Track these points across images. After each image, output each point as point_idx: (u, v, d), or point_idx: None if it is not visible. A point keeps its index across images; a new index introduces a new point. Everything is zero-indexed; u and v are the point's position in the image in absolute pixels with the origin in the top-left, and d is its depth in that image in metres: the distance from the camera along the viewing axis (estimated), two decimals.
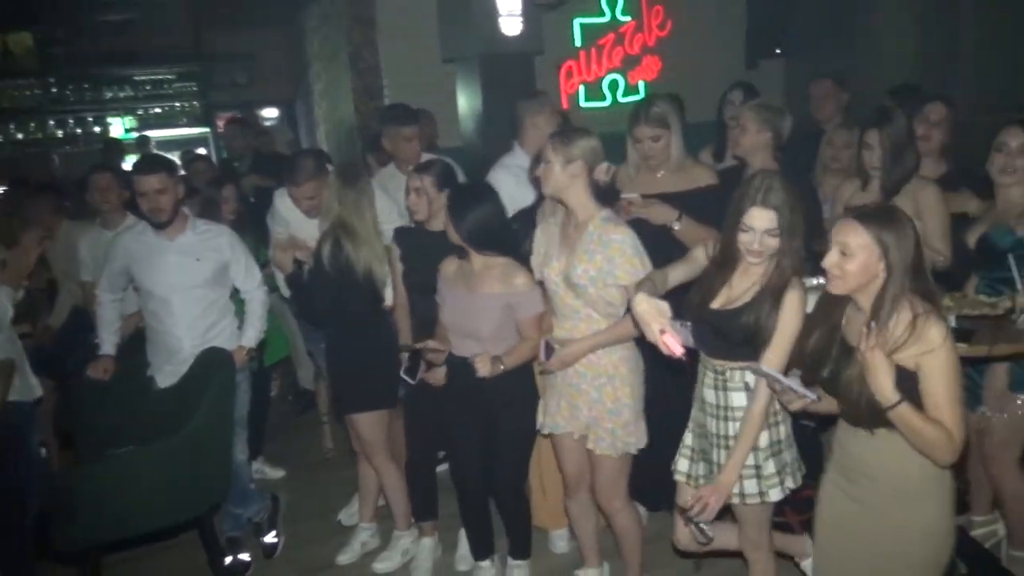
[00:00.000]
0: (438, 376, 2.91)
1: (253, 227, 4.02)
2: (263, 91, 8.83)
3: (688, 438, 2.41)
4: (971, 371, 2.69)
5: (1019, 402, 2.61)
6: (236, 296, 3.33)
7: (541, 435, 2.81)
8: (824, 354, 1.97)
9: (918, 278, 1.84)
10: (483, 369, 2.61)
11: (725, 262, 2.21)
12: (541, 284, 2.68)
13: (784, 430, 2.27)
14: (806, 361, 2.02)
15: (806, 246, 2.18)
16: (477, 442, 2.84)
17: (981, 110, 3.20)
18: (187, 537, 3.18)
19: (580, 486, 2.78)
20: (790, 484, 2.27)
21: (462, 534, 3.27)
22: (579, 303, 2.54)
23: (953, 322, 2.30)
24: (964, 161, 3.33)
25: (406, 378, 2.92)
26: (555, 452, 2.84)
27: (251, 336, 3.28)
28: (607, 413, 2.56)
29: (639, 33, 6.87)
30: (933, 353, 1.77)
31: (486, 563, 3.05)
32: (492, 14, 4.99)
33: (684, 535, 2.42)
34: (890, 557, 1.94)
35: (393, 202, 3.45)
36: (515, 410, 2.79)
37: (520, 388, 2.80)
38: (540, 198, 2.90)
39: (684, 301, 2.26)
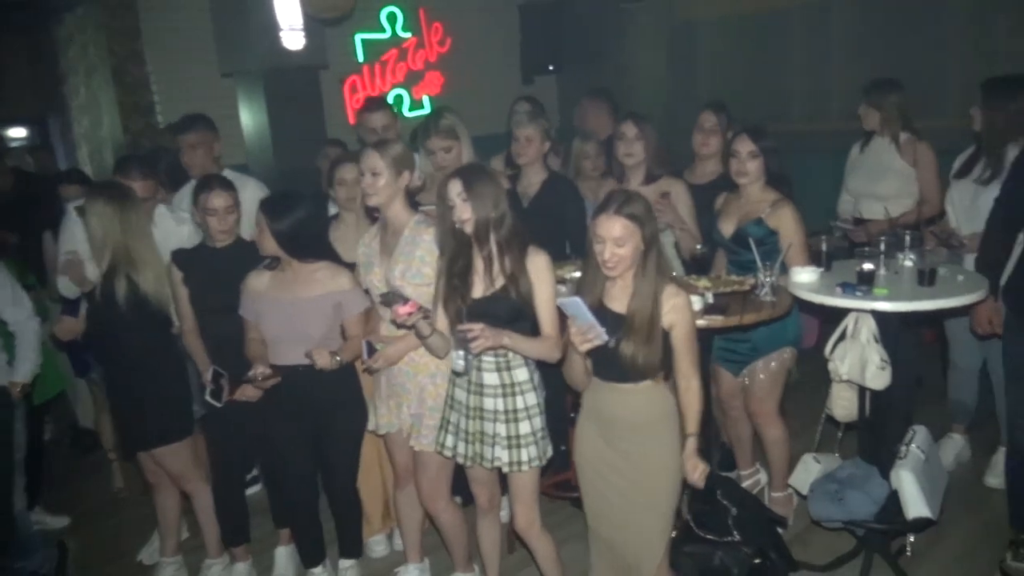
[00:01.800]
0: (248, 392, 2.86)
1: (15, 252, 3.67)
2: (6, 108, 7.92)
3: (460, 421, 2.53)
4: (735, 344, 3.12)
5: (772, 364, 3.06)
6: (2, 328, 3.03)
7: (376, 434, 2.86)
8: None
9: (660, 256, 2.20)
10: (322, 360, 2.63)
11: None
12: (366, 292, 2.76)
13: (543, 395, 2.52)
14: None
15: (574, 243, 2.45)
16: (307, 449, 2.86)
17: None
18: None
19: (410, 477, 2.84)
20: (550, 444, 2.53)
21: (278, 553, 3.22)
22: None
23: (711, 298, 2.68)
24: None
25: (212, 401, 2.85)
26: (387, 448, 2.90)
27: (25, 371, 3.01)
28: (429, 411, 2.65)
29: (421, 49, 7.07)
30: (680, 313, 2.17)
31: (318, 569, 3.03)
32: (272, 28, 4.91)
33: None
34: (641, 484, 2.29)
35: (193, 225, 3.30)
36: (347, 412, 2.85)
37: (349, 390, 2.87)
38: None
39: None
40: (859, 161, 3.84)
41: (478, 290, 2.42)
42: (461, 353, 2.30)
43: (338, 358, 2.69)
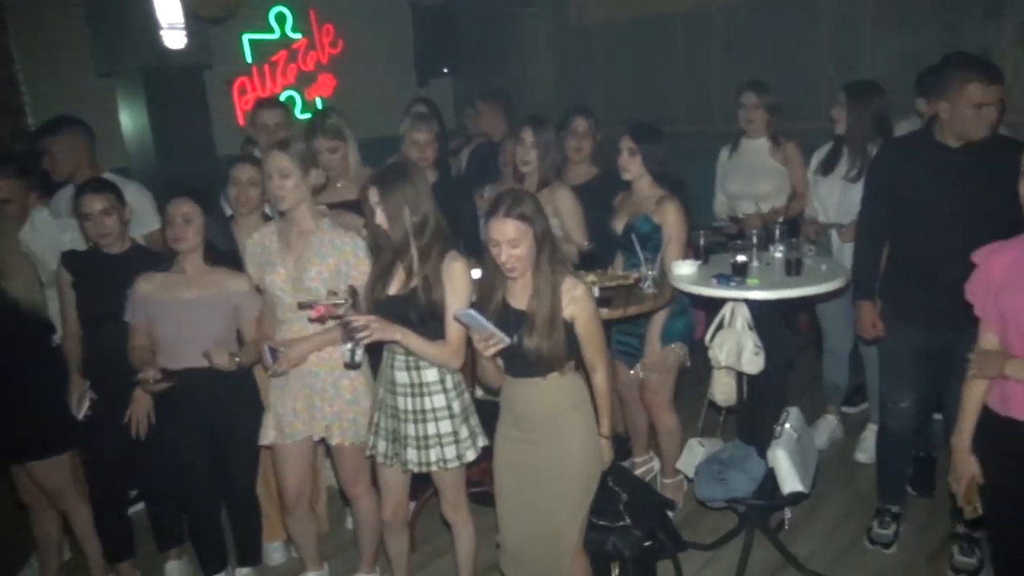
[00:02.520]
0: (139, 412, 2.79)
1: None
2: None
3: (381, 420, 2.55)
4: (630, 339, 3.25)
5: (670, 358, 3.18)
6: None
7: (264, 447, 2.79)
8: (504, 326, 2.25)
9: (555, 250, 2.24)
10: (220, 359, 2.58)
11: None
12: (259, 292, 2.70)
13: (468, 398, 2.55)
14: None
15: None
16: (205, 453, 2.79)
17: (612, 123, 3.85)
18: None
19: (300, 501, 2.80)
20: (481, 443, 2.56)
21: (169, 568, 3.13)
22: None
23: (597, 292, 2.77)
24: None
25: (75, 412, 2.78)
26: (277, 467, 2.79)
27: None
28: (347, 404, 2.63)
29: (312, 51, 6.95)
30: (580, 304, 2.22)
31: None
32: (152, 26, 4.72)
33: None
34: (559, 476, 2.32)
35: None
36: (247, 415, 2.79)
37: (248, 394, 2.83)
38: None
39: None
40: (733, 164, 3.98)
41: (394, 287, 2.42)
42: (349, 346, 2.28)
43: (237, 359, 2.65)
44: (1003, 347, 2.08)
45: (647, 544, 2.77)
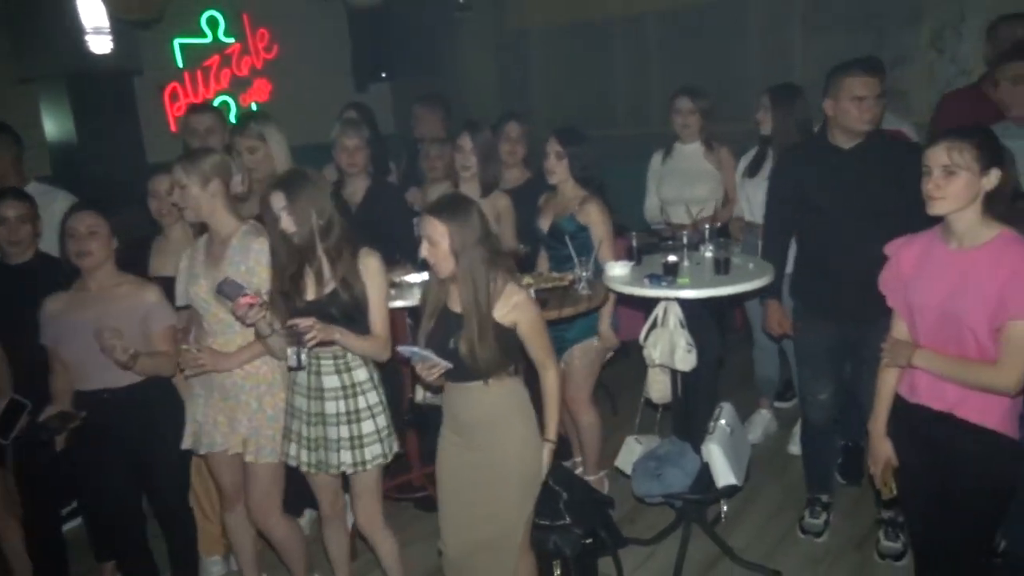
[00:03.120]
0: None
1: None
2: None
3: (301, 428, 2.50)
4: (553, 334, 3.26)
5: (582, 353, 3.23)
6: None
7: (196, 455, 2.75)
8: (443, 329, 2.29)
9: (495, 256, 2.24)
10: (115, 350, 2.49)
11: None
12: (187, 307, 2.65)
13: (383, 392, 2.54)
14: (434, 339, 2.31)
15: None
16: (124, 474, 2.70)
17: (548, 126, 3.88)
18: None
19: (238, 497, 2.75)
20: (395, 441, 2.56)
21: None
22: (231, 316, 2.52)
23: (532, 294, 2.80)
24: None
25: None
26: (211, 469, 2.78)
27: None
28: (268, 420, 2.59)
29: (246, 55, 6.84)
30: (520, 309, 2.23)
31: None
32: (76, 30, 4.58)
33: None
34: (500, 480, 2.33)
35: None
36: (169, 429, 2.71)
37: (168, 406, 2.74)
38: None
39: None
40: (667, 168, 3.99)
41: (310, 293, 2.41)
42: (294, 349, 2.27)
43: (134, 355, 2.52)
44: (911, 337, 2.16)
45: (587, 542, 2.81)
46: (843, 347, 2.93)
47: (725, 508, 3.22)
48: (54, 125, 4.98)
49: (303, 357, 2.30)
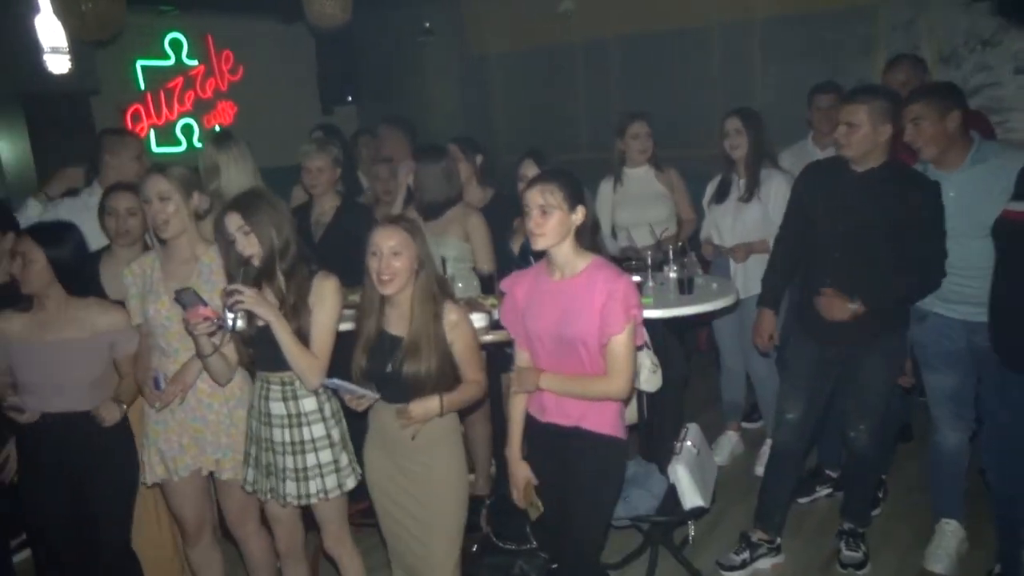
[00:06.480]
0: (9, 458, 2.63)
1: None
2: None
3: (256, 452, 2.44)
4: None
5: None
6: None
7: (147, 486, 2.64)
8: (379, 353, 2.27)
9: (436, 276, 2.30)
10: (111, 415, 2.49)
11: None
12: (139, 326, 2.55)
13: (344, 425, 2.48)
14: (367, 360, 2.30)
15: None
16: (68, 505, 2.57)
17: (512, 149, 3.89)
18: None
19: (202, 531, 2.66)
20: (359, 470, 2.48)
21: None
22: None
23: (496, 315, 2.78)
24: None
25: None
26: (171, 503, 2.65)
27: None
28: (241, 435, 2.51)
29: (211, 77, 6.79)
30: (459, 329, 2.28)
31: None
32: (32, 49, 4.49)
33: None
34: (426, 505, 2.34)
35: None
36: (115, 458, 2.59)
37: (117, 435, 2.60)
38: None
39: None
40: (620, 195, 3.93)
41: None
42: (229, 316, 2.19)
43: (124, 406, 2.51)
44: (535, 363, 2.30)
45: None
46: (825, 368, 2.93)
47: (692, 531, 3.19)
48: (9, 144, 4.88)
49: (239, 322, 2.21)
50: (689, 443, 2.99)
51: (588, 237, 2.22)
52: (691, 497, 2.86)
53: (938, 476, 3.05)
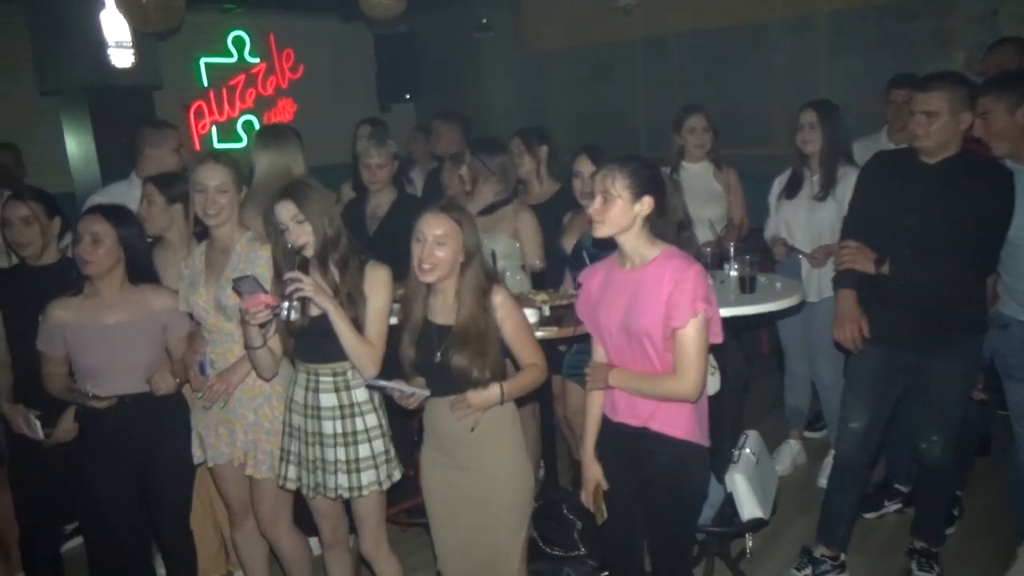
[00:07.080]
0: (69, 428, 2.62)
1: None
2: None
3: (297, 448, 2.40)
4: (583, 358, 3.11)
5: None
6: None
7: (206, 467, 2.64)
8: (426, 344, 2.19)
9: (485, 267, 2.22)
10: (165, 384, 2.48)
11: None
12: (189, 315, 2.56)
13: (384, 415, 2.41)
14: (419, 358, 2.22)
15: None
16: (132, 488, 2.59)
17: (568, 148, 3.78)
18: None
19: (246, 513, 2.66)
20: (397, 467, 2.41)
21: None
22: (231, 325, 2.46)
23: (548, 311, 2.69)
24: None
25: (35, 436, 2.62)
26: (217, 484, 2.68)
27: None
28: (265, 434, 2.50)
29: (272, 75, 6.88)
30: (505, 308, 2.18)
31: None
32: (99, 43, 4.60)
33: None
34: (489, 503, 2.24)
35: None
36: (176, 442, 2.60)
37: (177, 418, 2.62)
38: None
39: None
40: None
41: (315, 308, 2.28)
42: (285, 304, 2.15)
43: (177, 379, 2.51)
44: (607, 359, 2.20)
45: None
46: (892, 375, 2.74)
47: (750, 543, 3.04)
48: (75, 140, 5.00)
49: (294, 313, 2.17)
50: (748, 450, 2.85)
51: (670, 231, 2.11)
52: (750, 507, 2.72)
53: (1019, 495, 2.84)
